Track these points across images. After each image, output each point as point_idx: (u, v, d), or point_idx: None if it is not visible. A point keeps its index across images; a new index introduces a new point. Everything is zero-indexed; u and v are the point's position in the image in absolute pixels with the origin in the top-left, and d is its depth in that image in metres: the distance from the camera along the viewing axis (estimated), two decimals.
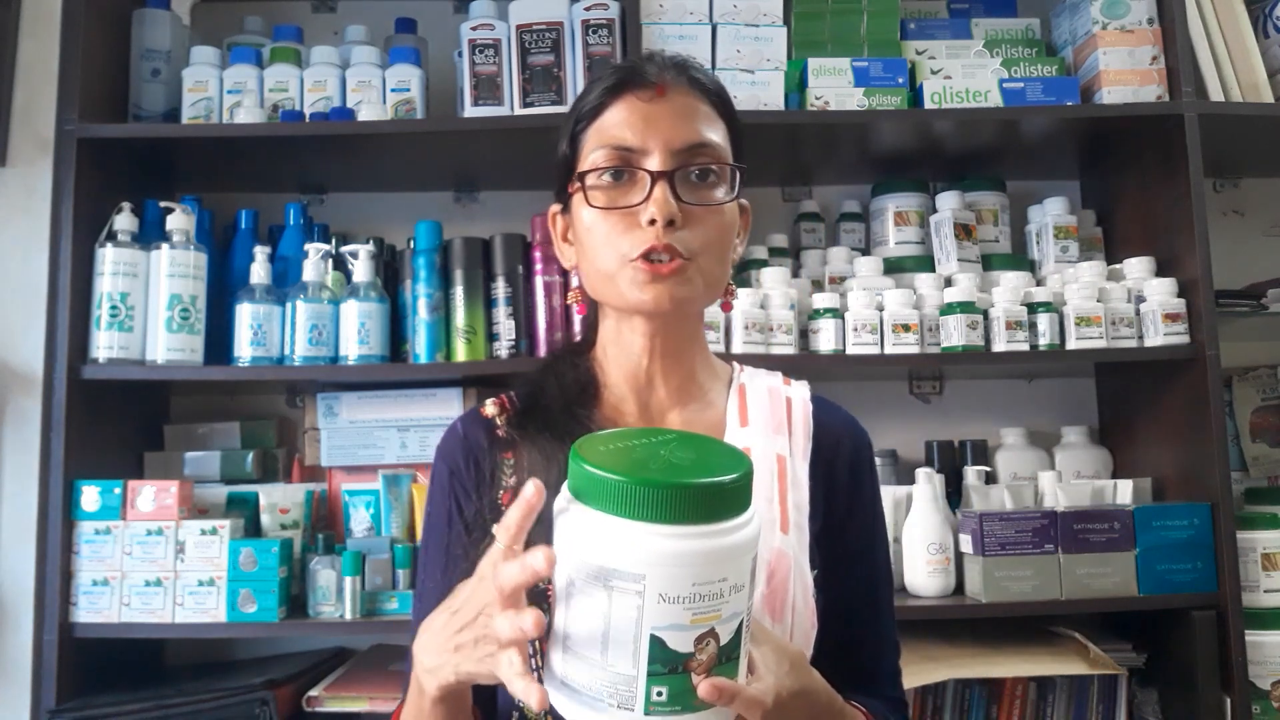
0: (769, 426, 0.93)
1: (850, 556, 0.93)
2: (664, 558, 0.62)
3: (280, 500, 1.71)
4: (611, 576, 0.63)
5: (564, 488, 0.67)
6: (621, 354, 0.94)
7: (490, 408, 0.97)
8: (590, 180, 0.89)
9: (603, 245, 0.88)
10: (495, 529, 0.69)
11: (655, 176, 0.86)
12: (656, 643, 0.63)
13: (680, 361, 0.94)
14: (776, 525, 0.88)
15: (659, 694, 0.64)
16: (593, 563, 0.63)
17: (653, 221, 0.85)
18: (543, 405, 0.93)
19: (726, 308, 1.01)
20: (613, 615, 0.63)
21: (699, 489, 0.63)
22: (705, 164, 0.89)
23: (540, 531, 0.69)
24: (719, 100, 0.94)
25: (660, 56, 0.93)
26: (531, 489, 0.67)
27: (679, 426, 0.93)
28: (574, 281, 0.99)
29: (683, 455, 0.68)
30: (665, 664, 0.63)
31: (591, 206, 0.88)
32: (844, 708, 0.82)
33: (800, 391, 0.98)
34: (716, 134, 0.91)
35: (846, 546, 0.93)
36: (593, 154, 0.89)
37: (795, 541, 0.88)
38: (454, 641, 0.71)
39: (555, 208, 0.97)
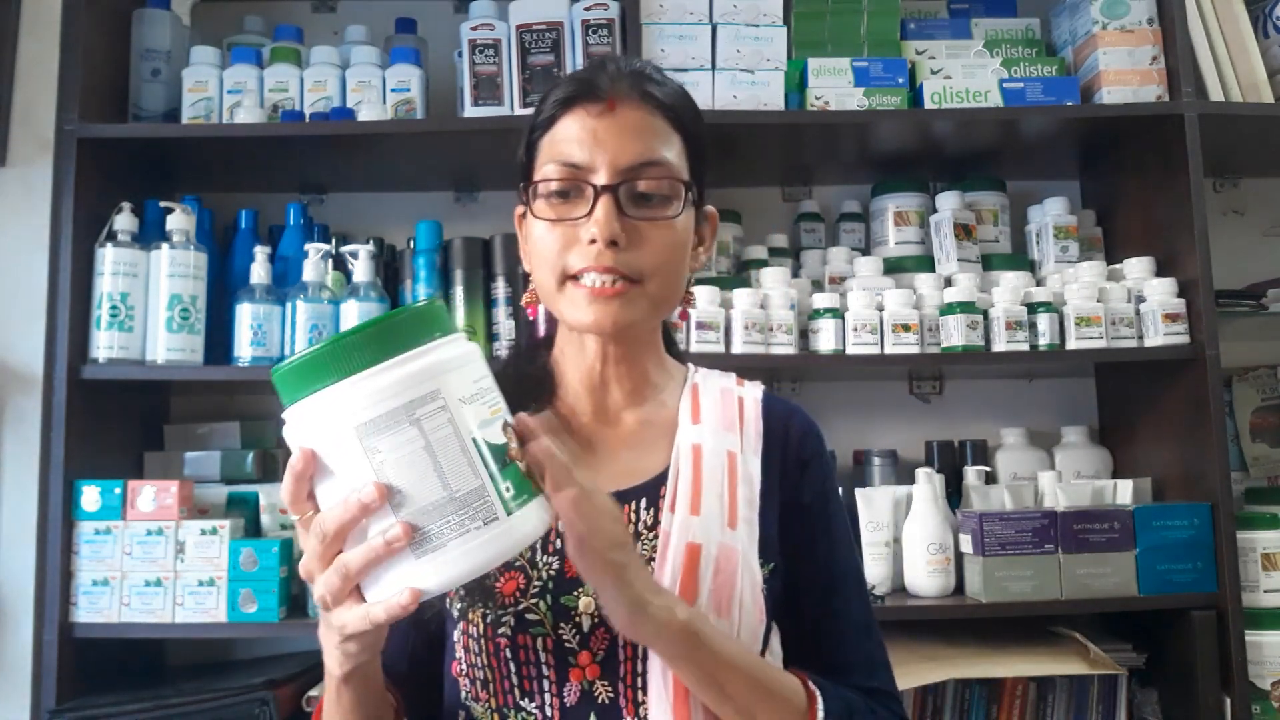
0: (720, 424, 0.93)
1: (804, 544, 0.92)
2: (443, 365, 0.67)
3: (280, 500, 1.71)
4: (413, 408, 0.66)
5: (314, 400, 0.67)
6: (577, 356, 0.94)
7: None
8: (539, 191, 0.88)
9: (544, 261, 0.88)
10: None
11: (599, 191, 0.85)
12: (480, 444, 0.67)
13: (634, 366, 0.94)
14: (725, 520, 0.87)
15: (508, 490, 0.68)
16: (386, 413, 0.65)
17: (593, 241, 0.84)
18: None
19: (684, 317, 1.00)
20: (434, 442, 0.66)
21: (435, 306, 0.71)
22: (652, 184, 0.87)
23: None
24: (674, 114, 0.90)
25: (616, 65, 0.91)
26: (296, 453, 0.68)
27: (633, 425, 0.94)
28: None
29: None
30: (496, 459, 0.68)
31: (538, 218, 0.88)
32: (745, 652, 0.82)
33: (752, 391, 0.98)
34: (669, 150, 0.89)
35: (799, 535, 0.92)
36: (544, 167, 0.88)
37: (744, 536, 0.88)
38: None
39: (520, 209, 0.96)
